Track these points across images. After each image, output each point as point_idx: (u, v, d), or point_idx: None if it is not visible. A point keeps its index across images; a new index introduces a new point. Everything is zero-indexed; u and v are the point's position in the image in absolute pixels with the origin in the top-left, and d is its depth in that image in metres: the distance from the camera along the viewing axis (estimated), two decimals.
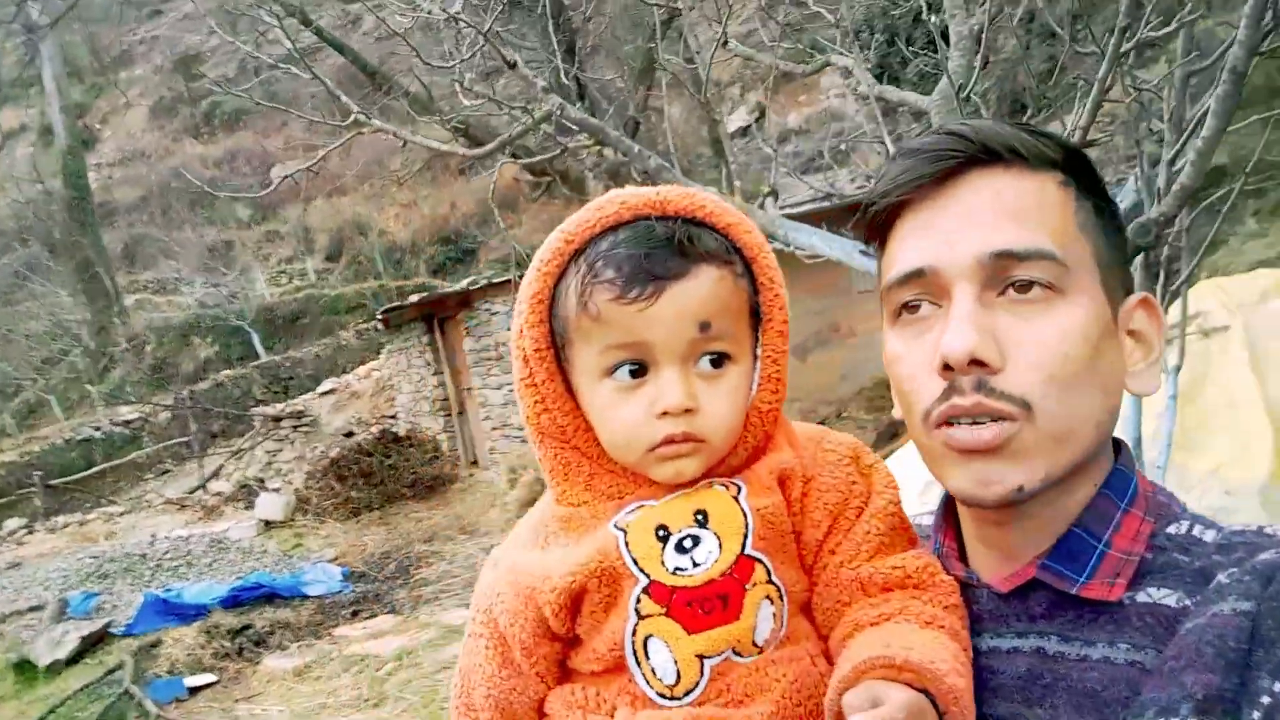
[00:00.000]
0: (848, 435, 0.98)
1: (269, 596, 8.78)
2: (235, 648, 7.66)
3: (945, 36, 4.71)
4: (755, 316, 0.93)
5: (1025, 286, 0.81)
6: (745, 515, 0.87)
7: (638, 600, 0.85)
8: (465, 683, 0.97)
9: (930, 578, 0.88)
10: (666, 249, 0.86)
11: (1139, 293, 0.90)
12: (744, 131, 18.70)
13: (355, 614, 8.31)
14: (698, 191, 0.92)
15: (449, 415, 13.69)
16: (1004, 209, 0.83)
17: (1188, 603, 0.78)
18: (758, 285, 0.92)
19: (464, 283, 13.15)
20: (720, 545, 0.86)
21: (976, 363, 0.79)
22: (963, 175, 0.84)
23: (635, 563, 0.85)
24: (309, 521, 11.68)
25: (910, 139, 0.93)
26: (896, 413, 0.93)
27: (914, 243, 0.86)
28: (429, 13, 4.18)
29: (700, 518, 0.87)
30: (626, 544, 0.86)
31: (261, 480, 13.95)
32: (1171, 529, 0.85)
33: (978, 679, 0.84)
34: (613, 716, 0.86)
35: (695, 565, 0.85)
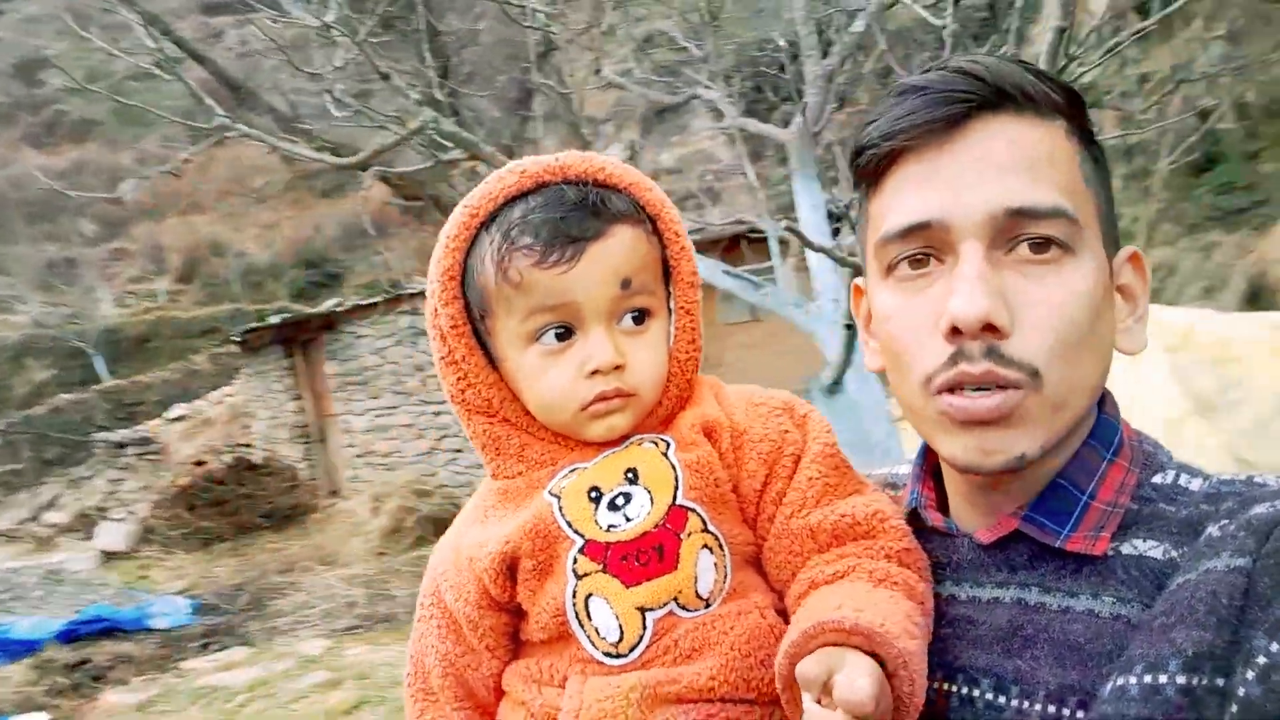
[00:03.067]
0: (781, 390, 0.99)
1: (109, 630, 8.22)
2: (71, 684, 7.14)
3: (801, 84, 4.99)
4: (666, 271, 0.95)
5: (1039, 246, 0.77)
6: (674, 468, 0.88)
7: (574, 561, 0.86)
8: (419, 668, 0.97)
9: (881, 524, 0.88)
10: (581, 211, 0.87)
11: (1128, 246, 0.87)
12: None
13: (205, 646, 7.90)
14: (594, 155, 0.93)
15: (308, 442, 13.25)
16: (1018, 160, 0.77)
17: (1174, 555, 0.76)
18: (664, 240, 0.94)
19: (329, 304, 12.82)
20: (652, 498, 0.86)
21: (987, 327, 0.75)
22: (972, 120, 0.79)
23: (569, 525, 0.86)
24: (155, 552, 11.04)
25: (912, 75, 0.85)
26: (874, 363, 0.91)
27: (917, 192, 0.80)
28: (302, 20, 4.12)
29: (631, 475, 0.88)
30: (560, 509, 0.87)
31: (102, 510, 13.10)
32: (1157, 478, 0.83)
33: (957, 629, 0.84)
34: (564, 686, 0.86)
35: (628, 520, 0.86)
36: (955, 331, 0.76)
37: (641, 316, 0.91)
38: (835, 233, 3.18)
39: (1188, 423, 5.95)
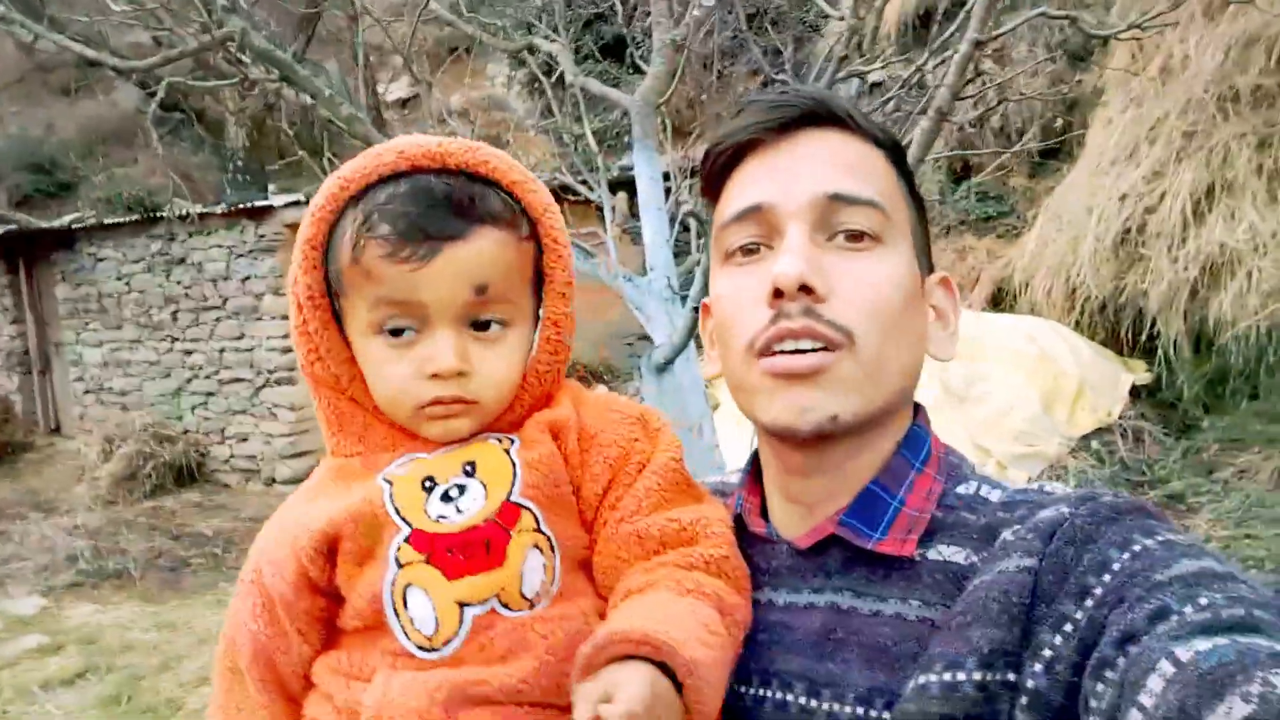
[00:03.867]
0: (636, 402, 0.99)
1: None
2: None
3: (631, 42, 4.85)
4: (539, 277, 0.93)
5: (854, 235, 0.86)
6: (514, 465, 0.87)
7: (398, 549, 0.83)
8: (229, 645, 0.93)
9: (703, 529, 0.88)
10: (444, 208, 0.84)
11: (939, 272, 0.96)
12: (403, 104, 18.11)
13: None
14: (481, 145, 0.90)
15: (28, 373, 11.71)
16: (838, 160, 0.88)
17: (975, 559, 0.81)
18: (542, 246, 0.92)
19: (66, 219, 11.32)
20: (486, 492, 0.85)
21: (805, 289, 0.82)
22: (801, 130, 0.89)
23: (397, 512, 0.84)
24: None
25: (753, 94, 0.98)
26: (710, 370, 0.96)
27: (752, 184, 0.89)
28: None
29: (469, 469, 0.87)
30: (391, 495, 0.85)
31: None
32: (961, 489, 0.89)
33: (774, 635, 0.87)
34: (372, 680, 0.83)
35: (459, 512, 0.84)
36: (777, 294, 0.83)
37: (493, 324, 0.89)
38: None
39: (942, 410, 6.45)
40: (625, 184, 6.57)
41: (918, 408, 0.94)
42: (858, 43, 2.35)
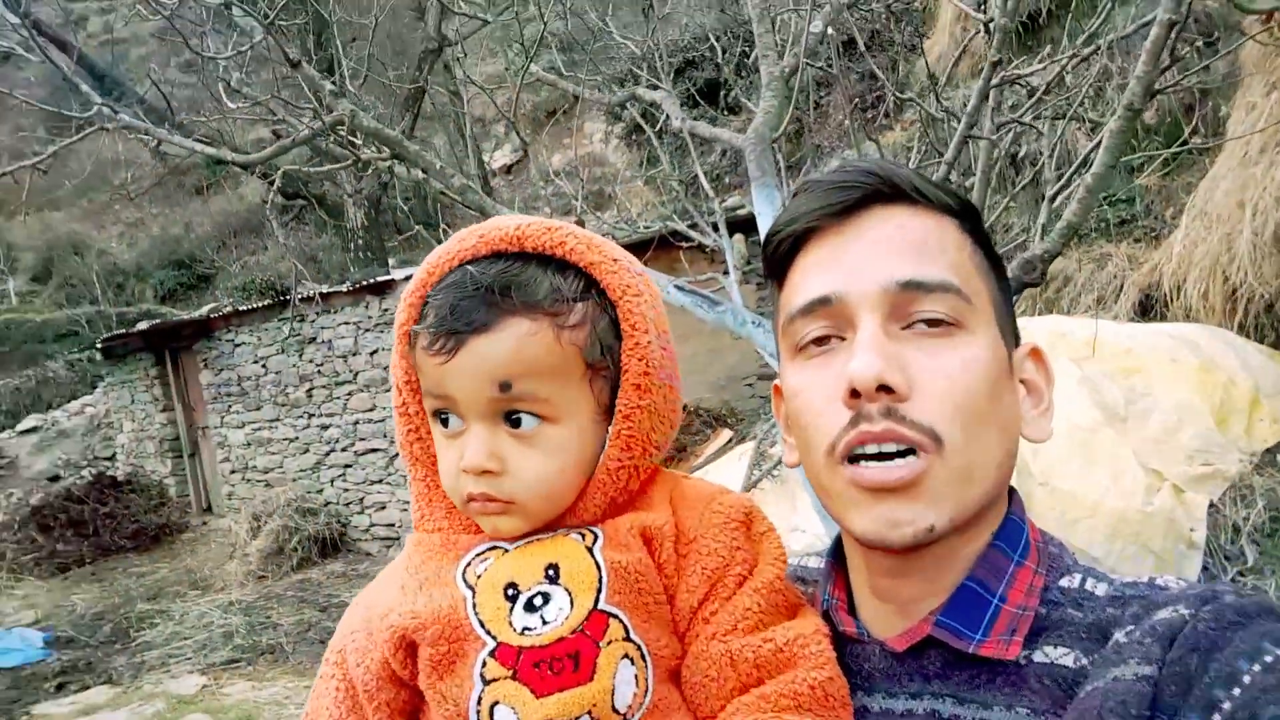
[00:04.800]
0: (743, 497, 0.91)
1: None
2: None
3: (722, 84, 4.76)
4: (617, 366, 0.87)
5: (932, 321, 0.81)
6: (599, 568, 0.82)
7: (483, 664, 0.79)
8: None
9: (801, 649, 0.83)
10: (476, 299, 0.81)
11: (1028, 342, 0.89)
12: (508, 169, 18.59)
13: (61, 687, 7.13)
14: (564, 225, 0.86)
15: (179, 457, 12.33)
16: (908, 242, 0.83)
17: (1085, 662, 0.76)
18: (619, 331, 0.86)
19: (204, 310, 11.96)
20: (572, 601, 0.81)
21: (884, 389, 0.77)
22: (866, 209, 0.84)
23: (482, 624, 0.80)
24: (3, 580, 10.02)
25: (814, 176, 0.91)
26: (791, 459, 0.90)
27: (818, 273, 0.85)
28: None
29: (551, 573, 0.82)
30: (474, 605, 0.81)
31: None
32: (1064, 582, 0.83)
33: None
34: None
35: (545, 623, 0.80)
36: (854, 395, 0.78)
37: (525, 419, 0.83)
38: None
39: (1100, 433, 6.01)
40: (736, 224, 6.44)
41: (1011, 493, 0.88)
42: (996, 42, 2.16)
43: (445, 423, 0.85)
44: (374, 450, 9.66)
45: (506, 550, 0.85)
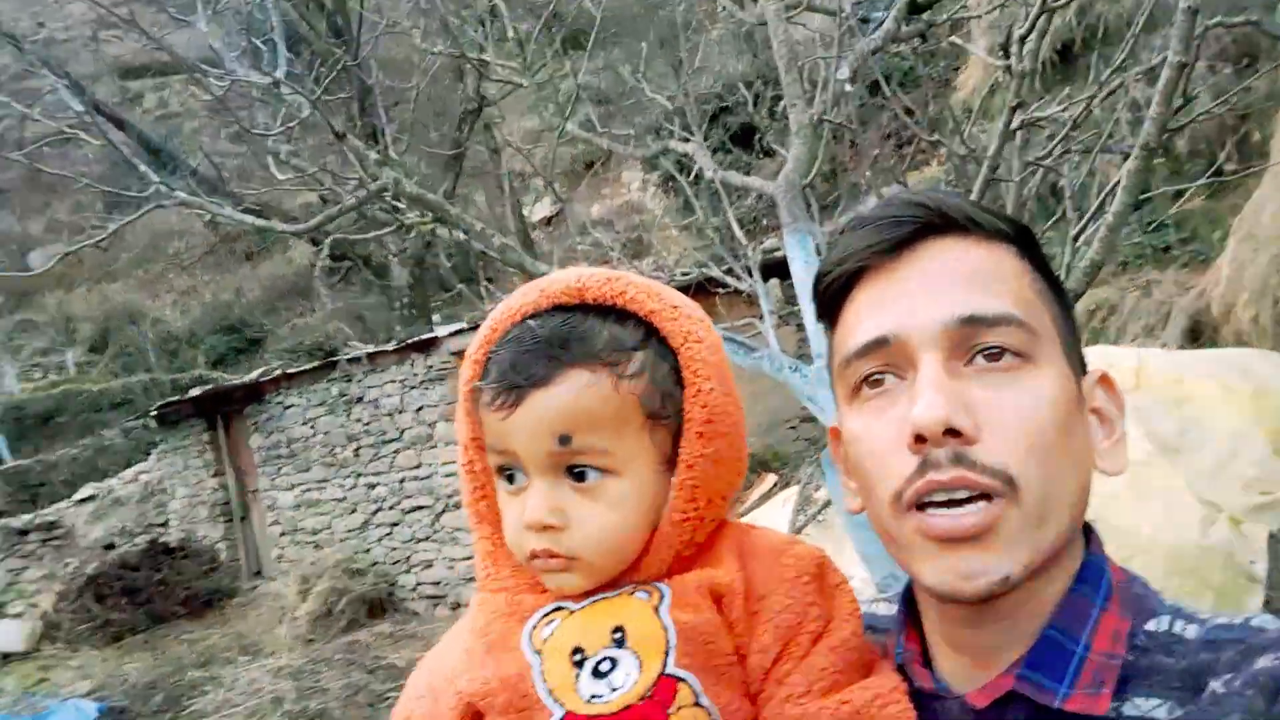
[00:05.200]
0: (814, 548, 0.88)
1: None
2: None
3: (757, 128, 4.77)
4: (679, 414, 0.84)
5: (995, 354, 0.77)
6: (667, 630, 0.80)
7: None
8: None
9: (880, 711, 0.79)
10: (534, 353, 0.81)
11: (1096, 368, 0.86)
12: (548, 221, 18.83)
13: None
14: (624, 275, 0.86)
15: (230, 521, 12.47)
16: (965, 275, 0.80)
17: (1179, 714, 0.71)
18: (682, 380, 0.84)
19: (254, 374, 12.17)
20: (640, 665, 0.78)
21: (951, 432, 0.73)
22: (920, 243, 0.82)
23: (550, 693, 0.78)
24: (58, 651, 10.15)
25: (863, 211, 0.88)
26: (854, 504, 0.86)
27: (873, 312, 0.82)
28: (248, 77, 3.81)
29: (618, 636, 0.80)
30: (542, 673, 0.79)
31: (0, 605, 12.10)
32: (1151, 625, 0.78)
33: None
34: None
35: (613, 690, 0.78)
36: (919, 440, 0.74)
37: (589, 473, 0.82)
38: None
39: (1152, 465, 5.81)
40: (772, 268, 6.42)
41: (1089, 531, 0.83)
42: (1030, 80, 2.13)
43: (510, 479, 0.85)
44: (420, 507, 9.69)
45: (572, 611, 0.83)
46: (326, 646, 8.85)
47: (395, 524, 9.97)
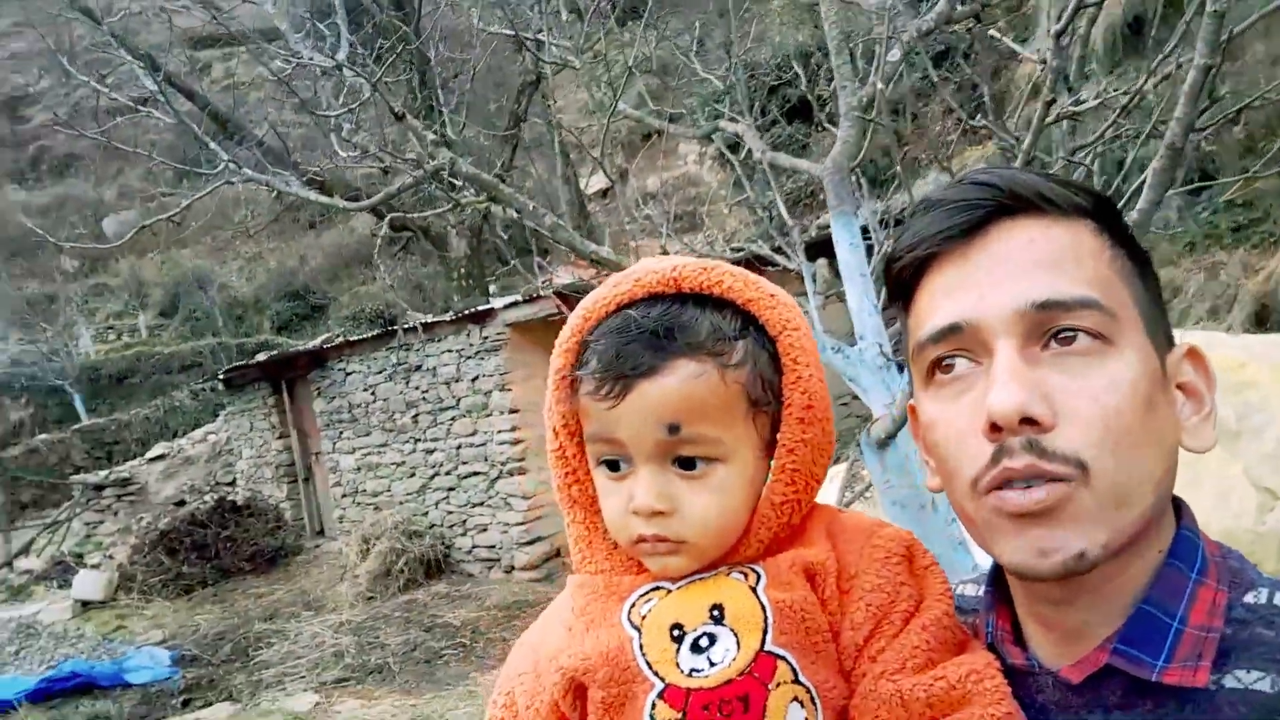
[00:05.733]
0: (902, 530, 0.90)
1: (86, 687, 7.87)
2: None
3: (814, 100, 4.79)
4: (778, 400, 0.86)
5: (1070, 338, 0.76)
6: (764, 609, 0.81)
7: (653, 706, 0.79)
8: None
9: (975, 686, 0.79)
10: (641, 342, 0.82)
11: (1184, 343, 0.83)
12: (604, 194, 18.87)
13: (186, 703, 7.54)
14: (719, 264, 0.87)
15: (294, 482, 12.88)
16: (1040, 257, 0.78)
17: None
18: (780, 366, 0.86)
19: (317, 340, 12.50)
20: (738, 642, 0.80)
21: (1027, 421, 0.73)
22: (993, 225, 0.80)
23: (650, 666, 0.80)
24: (133, 601, 10.64)
25: (934, 191, 0.87)
26: (934, 483, 0.87)
27: (946, 298, 0.81)
28: (311, 60, 3.95)
29: (717, 613, 0.82)
30: (641, 646, 0.81)
31: (79, 556, 12.68)
32: (1249, 598, 0.77)
33: None
34: None
35: (712, 665, 0.79)
36: (995, 428, 0.74)
37: (698, 462, 0.84)
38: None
39: (1211, 451, 5.73)
40: (825, 244, 6.42)
41: (1180, 505, 0.82)
42: (1064, 76, 2.15)
43: (613, 466, 0.86)
44: (475, 474, 9.91)
45: (670, 590, 0.85)
46: (385, 604, 9.15)
47: (452, 489, 10.22)
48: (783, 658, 0.80)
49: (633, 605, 0.85)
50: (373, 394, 11.15)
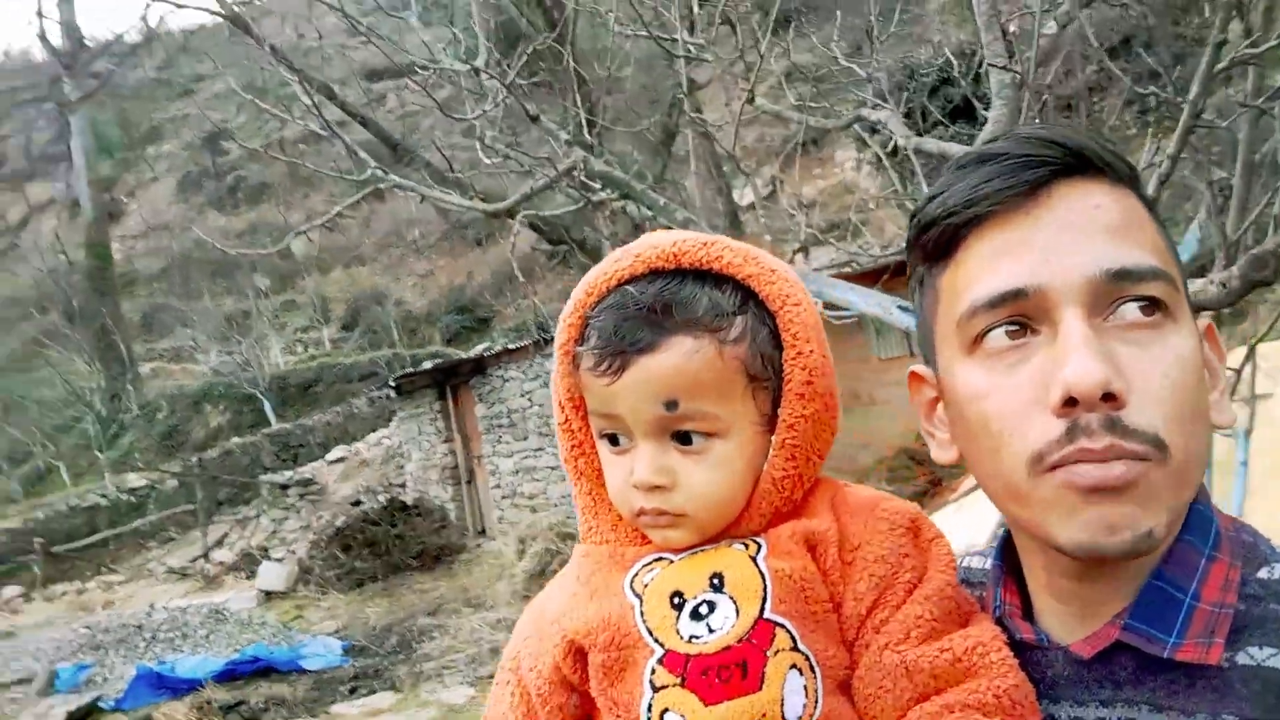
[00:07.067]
0: (908, 503, 0.88)
1: (265, 670, 8.45)
2: None
3: (975, 99, 4.59)
4: (778, 375, 0.85)
5: (1145, 308, 0.73)
6: (763, 577, 0.81)
7: (652, 671, 0.80)
8: None
9: (981, 659, 0.79)
10: (638, 318, 0.82)
11: (1200, 319, 0.81)
12: (766, 199, 18.77)
13: (353, 690, 7.95)
14: (719, 239, 0.86)
15: (457, 484, 13.43)
16: (1107, 223, 0.74)
17: None
18: (780, 341, 0.85)
19: (478, 349, 13.01)
20: (737, 609, 0.80)
21: (1106, 396, 0.69)
22: (1053, 185, 0.76)
23: (650, 632, 0.81)
24: (311, 592, 11.35)
25: (983, 146, 0.82)
26: (946, 456, 0.85)
27: (1006, 260, 0.76)
28: (450, 66, 4.12)
29: (716, 581, 0.82)
30: (642, 613, 0.82)
31: (265, 549, 13.66)
32: (1263, 573, 0.76)
33: None
34: None
35: (711, 631, 0.80)
36: (1069, 403, 0.70)
37: (695, 437, 0.83)
38: None
39: None
40: None
41: None
42: (1220, 20, 1.95)
43: (614, 440, 0.86)
44: None
45: (672, 561, 0.85)
46: None
47: None
48: (781, 625, 0.80)
49: (635, 575, 0.85)
50: (529, 400, 11.49)
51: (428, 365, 13.55)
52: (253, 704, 7.66)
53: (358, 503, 13.95)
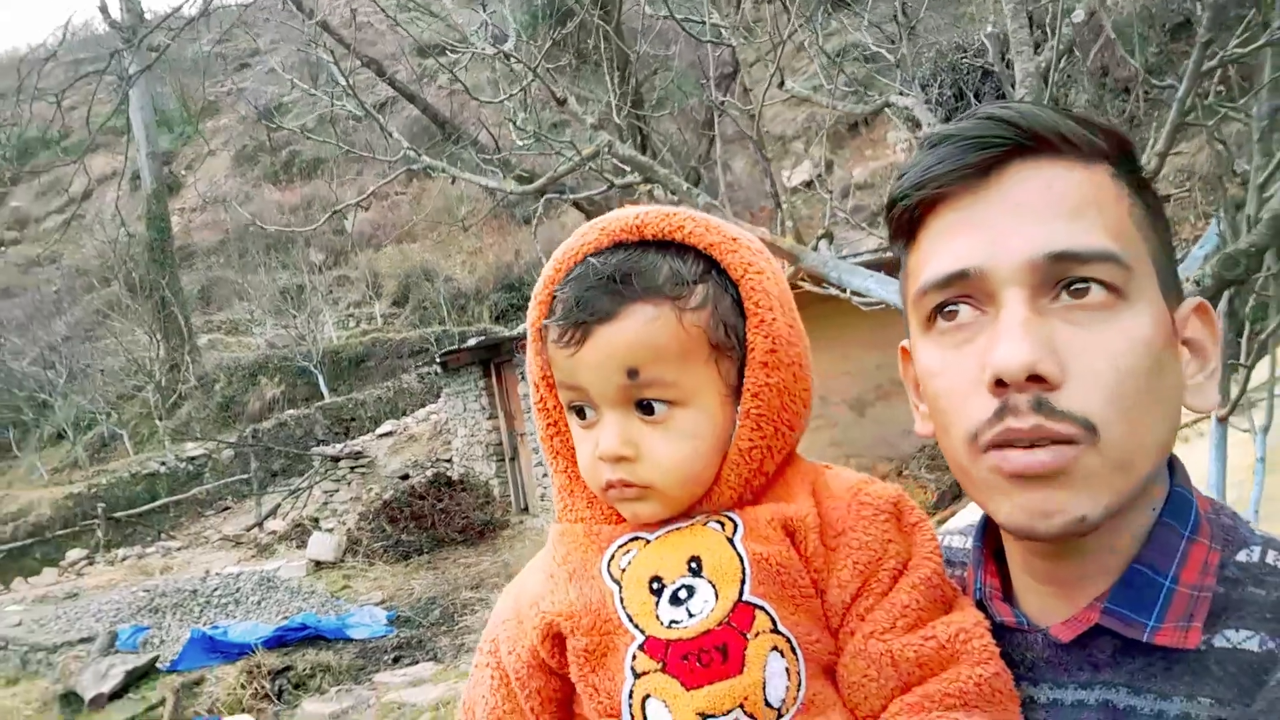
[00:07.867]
0: (891, 487, 0.88)
1: (313, 638, 8.73)
2: (275, 689, 7.59)
3: (1011, 86, 4.56)
4: (743, 345, 0.85)
5: (1083, 290, 0.72)
6: (741, 559, 0.81)
7: (634, 658, 0.80)
8: (469, 715, 0.92)
9: (963, 645, 0.79)
10: (598, 289, 0.82)
11: (1192, 297, 0.80)
12: (808, 185, 18.63)
13: (397, 660, 8.20)
14: (680, 210, 0.87)
15: (501, 460, 13.63)
16: (1057, 203, 0.73)
17: (1272, 646, 0.69)
18: (744, 311, 0.85)
19: (521, 327, 13.16)
20: (716, 593, 0.80)
21: (1034, 378, 0.70)
22: (1007, 165, 0.75)
23: (630, 619, 0.81)
24: (358, 563, 11.65)
25: (943, 126, 0.83)
26: (925, 429, 0.85)
27: (953, 241, 0.76)
28: (480, 49, 4.20)
29: (694, 565, 0.82)
30: (621, 600, 0.82)
31: (316, 520, 14.02)
32: (1242, 556, 0.75)
33: None
34: None
35: (691, 616, 0.80)
36: (1000, 384, 0.71)
37: (656, 405, 0.83)
38: None
39: None
40: None
41: (1173, 462, 0.79)
42: (1206, 20, 1.95)
43: (581, 414, 0.86)
44: None
45: (648, 541, 0.85)
46: None
47: None
48: (761, 608, 0.80)
49: (611, 557, 0.85)
50: None
51: (470, 342, 13.73)
52: (300, 670, 7.95)
53: (405, 476, 14.25)
